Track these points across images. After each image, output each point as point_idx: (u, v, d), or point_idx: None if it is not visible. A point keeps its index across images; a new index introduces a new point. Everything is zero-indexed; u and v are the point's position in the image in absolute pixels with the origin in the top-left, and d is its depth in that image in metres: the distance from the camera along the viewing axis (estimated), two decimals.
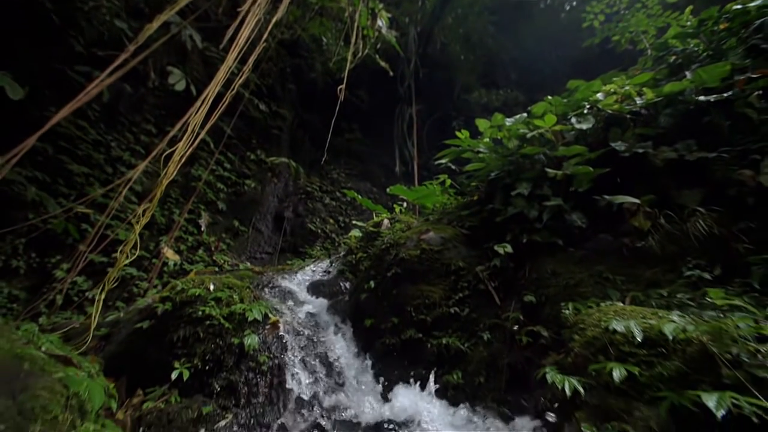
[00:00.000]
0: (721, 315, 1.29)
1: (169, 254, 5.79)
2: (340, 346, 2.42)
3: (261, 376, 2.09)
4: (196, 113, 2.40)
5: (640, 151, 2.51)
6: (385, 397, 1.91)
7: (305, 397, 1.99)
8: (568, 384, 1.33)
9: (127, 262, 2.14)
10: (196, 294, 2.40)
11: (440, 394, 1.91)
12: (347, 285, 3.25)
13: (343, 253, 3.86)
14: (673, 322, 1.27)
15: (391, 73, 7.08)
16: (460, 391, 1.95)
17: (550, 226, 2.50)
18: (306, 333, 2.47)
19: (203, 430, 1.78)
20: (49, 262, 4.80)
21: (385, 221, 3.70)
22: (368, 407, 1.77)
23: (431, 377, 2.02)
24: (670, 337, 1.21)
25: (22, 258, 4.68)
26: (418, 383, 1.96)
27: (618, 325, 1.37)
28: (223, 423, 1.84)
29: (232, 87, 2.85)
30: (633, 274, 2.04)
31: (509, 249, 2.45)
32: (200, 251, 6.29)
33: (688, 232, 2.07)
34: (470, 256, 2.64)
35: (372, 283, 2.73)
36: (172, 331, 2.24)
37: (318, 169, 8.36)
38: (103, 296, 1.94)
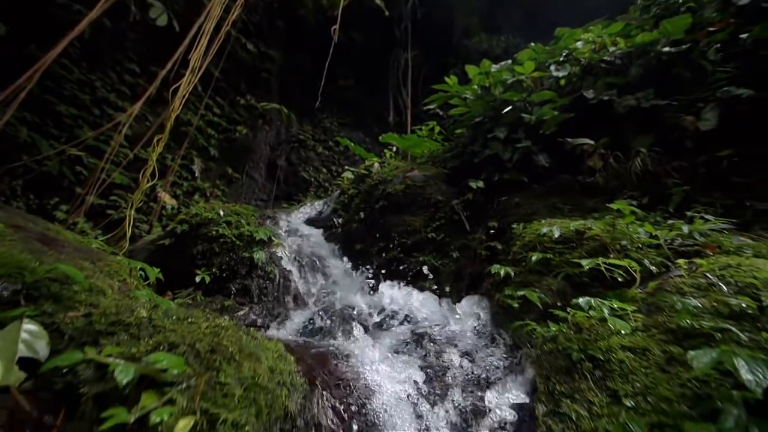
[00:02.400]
0: (621, 221, 1.78)
1: (166, 198, 6.20)
2: (335, 264, 2.96)
3: (269, 281, 2.64)
4: (195, 49, 2.62)
5: (606, 98, 2.87)
6: (370, 293, 2.49)
7: (306, 297, 2.56)
8: (504, 270, 1.87)
9: (147, 186, 2.54)
10: (209, 217, 2.85)
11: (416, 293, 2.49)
12: (340, 220, 3.74)
13: (336, 194, 4.30)
14: (581, 222, 1.78)
15: (387, 13, 6.92)
16: (432, 292, 2.53)
17: (519, 165, 2.94)
18: (305, 253, 3.00)
19: (227, 316, 2.34)
20: (48, 204, 5.14)
21: (376, 165, 4.09)
22: (358, 298, 2.34)
23: (410, 284, 2.59)
24: (572, 229, 1.72)
25: (21, 199, 5.01)
26: (398, 286, 2.53)
27: (544, 229, 1.87)
28: (241, 312, 2.40)
29: (226, 22, 3.00)
30: (579, 203, 2.53)
31: (481, 185, 2.90)
32: (196, 196, 6.67)
33: (630, 170, 2.53)
34: (449, 192, 3.11)
35: (362, 215, 3.21)
36: (191, 247, 2.73)
37: (310, 117, 8.45)
38: (132, 212, 2.37)
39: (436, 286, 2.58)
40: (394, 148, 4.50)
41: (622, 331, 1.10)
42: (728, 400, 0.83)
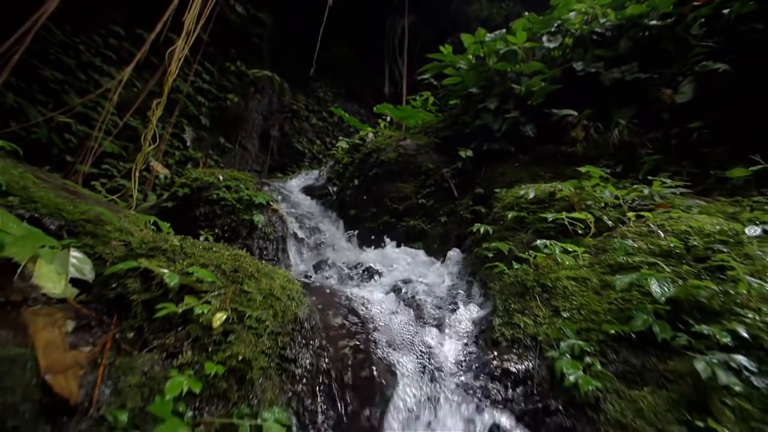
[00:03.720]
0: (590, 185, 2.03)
1: (159, 168, 6.30)
2: (329, 227, 3.21)
3: (269, 242, 2.88)
4: (189, 10, 2.68)
5: (593, 70, 3.03)
6: (363, 252, 2.76)
7: (303, 256, 2.81)
8: (483, 228, 2.13)
9: (150, 149, 2.70)
10: (210, 181, 3.04)
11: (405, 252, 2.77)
12: (334, 188, 3.95)
13: (330, 164, 4.48)
14: (552, 185, 2.02)
15: None
16: (421, 255, 2.81)
17: (507, 135, 3.14)
18: (302, 217, 3.23)
19: None
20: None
21: (370, 135, 4.25)
22: (351, 256, 2.60)
23: (400, 245, 2.86)
24: (545, 191, 1.97)
25: None
26: (390, 247, 2.79)
27: (522, 191, 2.12)
28: None
29: None
30: (559, 171, 2.77)
31: (470, 154, 3.11)
32: (188, 166, 6.76)
33: (608, 141, 2.76)
34: (439, 161, 3.32)
35: (356, 182, 3.42)
36: (193, 209, 2.94)
37: (303, 86, 8.39)
38: (137, 174, 2.54)
39: (424, 247, 2.85)
40: (389, 119, 4.64)
41: (569, 265, 1.37)
42: (642, 310, 1.11)
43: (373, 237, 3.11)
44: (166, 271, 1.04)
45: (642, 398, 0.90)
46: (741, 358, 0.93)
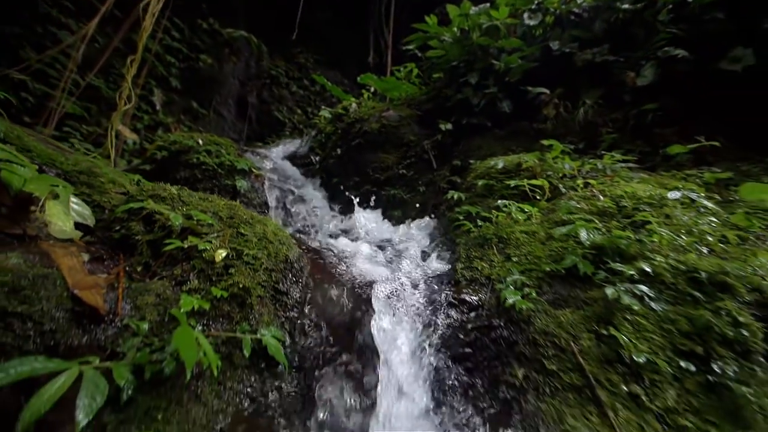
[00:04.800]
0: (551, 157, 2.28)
1: (126, 132, 6.07)
2: (312, 194, 3.35)
3: (252, 208, 3.00)
4: None
5: (568, 50, 3.24)
6: (345, 219, 2.95)
7: (287, 222, 2.97)
8: (457, 195, 2.36)
9: (127, 108, 2.68)
10: (189, 145, 3.07)
11: (385, 219, 2.98)
12: (317, 158, 4.05)
13: (313, 133, 4.54)
14: (519, 156, 2.27)
15: None
16: (399, 219, 3.03)
17: (485, 110, 3.33)
18: (285, 184, 3.34)
19: None
20: None
21: (353, 105, 4.31)
22: (334, 222, 2.79)
23: (380, 212, 3.07)
24: (512, 162, 2.21)
25: None
26: (371, 213, 2.99)
27: (492, 161, 2.35)
28: None
29: None
30: (530, 147, 3.01)
31: (450, 127, 3.30)
32: (159, 131, 6.54)
33: (575, 119, 3.02)
34: (421, 133, 3.49)
35: (339, 151, 3.54)
36: (173, 173, 2.98)
37: (283, 51, 8.13)
38: (113, 133, 2.55)
39: (403, 215, 3.08)
40: (372, 89, 4.69)
41: (523, 222, 1.62)
42: (572, 253, 1.38)
43: (355, 205, 3.29)
44: (171, 212, 1.18)
45: (563, 315, 1.17)
46: (644, 288, 1.22)
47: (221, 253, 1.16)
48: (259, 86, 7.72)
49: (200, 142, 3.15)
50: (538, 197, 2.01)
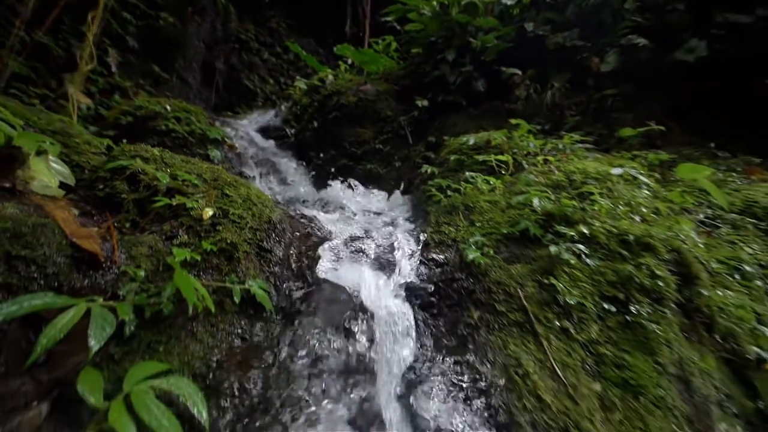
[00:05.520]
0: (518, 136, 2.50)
1: (80, 96, 5.69)
2: (288, 167, 3.41)
3: None
4: None
5: (541, 33, 3.43)
6: (320, 190, 3.06)
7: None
8: (430, 169, 2.54)
9: (88, 68, 2.58)
10: (156, 111, 3.00)
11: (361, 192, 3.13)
12: (292, 131, 4.06)
13: (287, 105, 4.51)
14: (489, 134, 2.47)
15: None
16: (375, 193, 3.18)
17: (460, 89, 3.49)
18: (259, 156, 3.37)
19: None
20: None
21: (330, 77, 4.31)
22: (311, 194, 2.90)
23: (357, 186, 3.20)
24: (482, 139, 2.42)
25: None
26: (347, 186, 3.12)
27: (464, 138, 2.54)
28: None
29: None
30: (501, 125, 3.23)
31: (426, 104, 3.44)
32: (116, 96, 6.15)
33: (542, 101, 3.26)
34: (398, 108, 3.60)
35: (315, 124, 3.59)
36: (140, 140, 2.92)
37: (253, 13, 7.74)
38: (76, 95, 2.45)
39: (379, 188, 3.24)
40: (349, 61, 4.69)
41: (487, 192, 1.84)
42: (526, 218, 1.61)
43: (331, 179, 3.40)
44: (157, 172, 1.27)
45: (514, 269, 1.41)
46: (581, 246, 1.47)
47: (208, 212, 1.27)
48: (227, 51, 7.37)
49: (168, 108, 3.09)
50: (503, 171, 2.24)
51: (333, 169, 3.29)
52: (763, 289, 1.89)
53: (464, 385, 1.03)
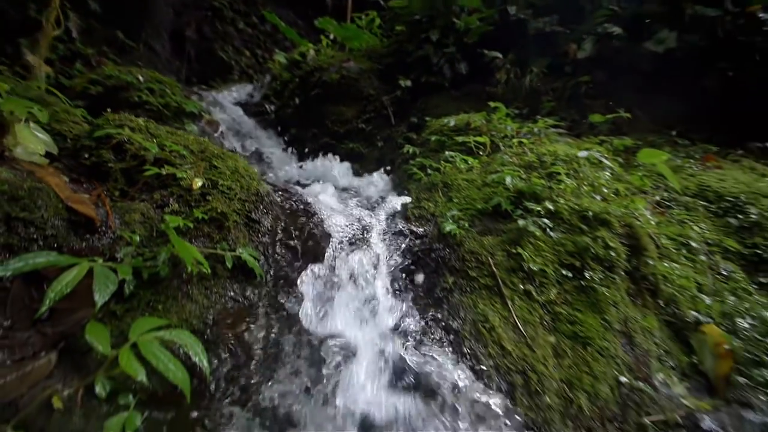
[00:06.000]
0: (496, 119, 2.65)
1: (37, 63, 5.36)
2: (269, 144, 3.43)
3: None
4: None
5: (523, 17, 3.55)
6: (303, 167, 3.12)
7: None
8: (412, 149, 2.66)
9: (55, 33, 2.47)
10: (128, 81, 2.92)
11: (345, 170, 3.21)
12: (272, 107, 4.04)
13: (267, 80, 4.44)
14: (469, 116, 2.61)
15: None
16: (357, 171, 3.27)
17: (443, 70, 3.58)
18: (240, 132, 3.36)
19: None
20: None
21: (311, 51, 4.27)
22: (293, 171, 2.96)
23: (340, 164, 3.27)
24: (462, 120, 2.55)
25: None
26: (330, 162, 3.19)
27: (445, 120, 2.66)
28: None
29: None
30: (481, 108, 3.37)
31: (409, 84, 3.52)
32: (78, 65, 5.78)
33: (521, 85, 3.42)
34: (380, 88, 3.66)
35: (296, 101, 3.60)
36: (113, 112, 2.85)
37: None
38: (41, 64, 2.36)
39: (361, 167, 3.33)
40: (331, 36, 4.64)
41: (465, 171, 1.99)
42: (499, 195, 1.78)
43: (314, 156, 3.45)
44: (146, 141, 1.32)
45: (486, 240, 1.57)
46: (546, 221, 1.66)
47: (198, 182, 1.34)
48: (199, 19, 7.03)
49: (141, 78, 3.01)
50: (480, 152, 2.39)
51: (316, 147, 3.34)
52: (706, 263, 2.17)
53: (439, 336, 1.19)
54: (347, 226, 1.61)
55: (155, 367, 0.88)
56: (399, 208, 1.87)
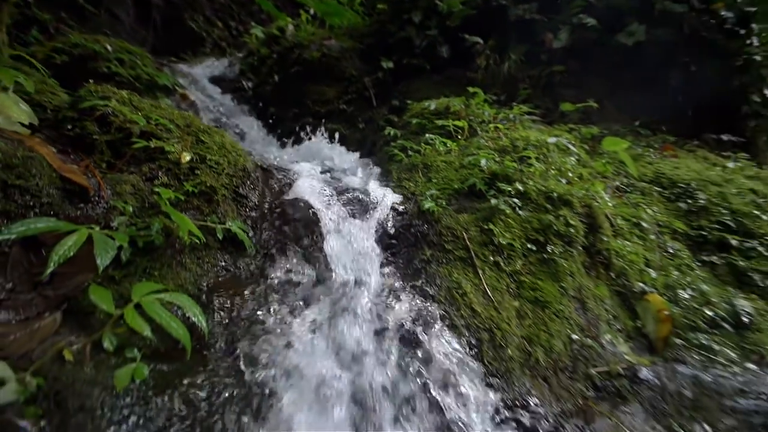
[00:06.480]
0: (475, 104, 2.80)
1: None
2: (247, 123, 3.42)
3: None
4: None
5: (504, 2, 3.67)
6: (284, 147, 3.16)
7: None
8: (393, 132, 2.77)
9: None
10: (96, 50, 2.82)
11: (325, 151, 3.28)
12: (250, 84, 3.99)
13: (243, 55, 4.35)
14: (449, 100, 2.75)
15: None
16: (339, 152, 3.34)
17: (425, 53, 3.67)
18: (216, 109, 3.33)
19: None
20: None
21: (290, 26, 4.22)
22: (273, 150, 2.99)
23: (320, 145, 3.33)
24: (443, 105, 2.68)
25: None
26: (312, 142, 3.24)
27: (426, 103, 2.78)
28: None
29: None
30: (460, 93, 3.51)
31: (391, 65, 3.59)
32: (33, 31, 5.37)
33: (500, 72, 3.58)
34: (362, 68, 3.70)
35: (276, 78, 3.58)
36: (78, 83, 2.75)
37: None
38: (3, 28, 2.25)
39: (344, 148, 3.40)
40: (311, 11, 4.57)
41: (444, 153, 2.13)
42: (475, 176, 1.94)
43: (293, 137, 3.48)
44: (133, 114, 1.36)
45: (461, 217, 1.74)
46: (516, 200, 1.84)
47: (186, 156, 1.40)
48: None
49: (109, 48, 2.91)
50: (459, 136, 2.54)
51: (296, 127, 3.37)
52: (655, 242, 2.46)
53: (416, 301, 1.35)
54: (331, 203, 1.72)
55: (159, 324, 0.98)
56: (382, 187, 2.00)
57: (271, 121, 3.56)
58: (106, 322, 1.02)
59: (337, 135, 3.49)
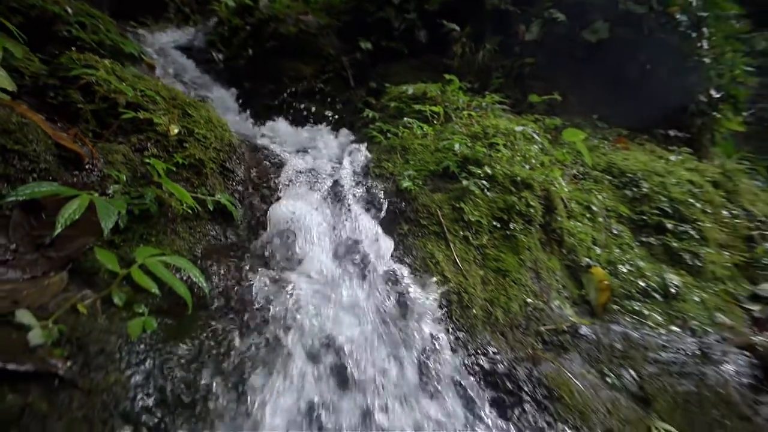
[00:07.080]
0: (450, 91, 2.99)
1: None
2: (220, 98, 3.39)
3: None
4: None
5: None
6: (260, 126, 3.20)
7: None
8: (372, 114, 2.90)
9: None
10: (54, 12, 2.67)
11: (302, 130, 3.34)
12: (221, 56, 3.91)
13: (212, 24, 4.23)
14: (426, 85, 2.92)
15: None
16: (317, 132, 3.42)
17: (403, 36, 3.79)
18: (185, 81, 3.27)
19: None
20: None
21: None
22: (248, 128, 3.02)
23: (298, 124, 3.39)
24: (420, 90, 2.85)
25: None
26: (287, 124, 3.30)
27: (404, 87, 2.93)
28: None
29: None
30: (437, 79, 3.68)
31: (370, 47, 3.67)
32: None
33: (475, 60, 3.78)
34: (340, 47, 3.76)
35: (250, 51, 3.55)
36: (38, 48, 2.62)
37: None
38: None
39: (322, 128, 3.49)
40: None
41: (420, 136, 2.32)
42: (448, 159, 2.14)
43: (270, 115, 3.50)
44: (121, 84, 1.40)
45: (436, 196, 1.94)
46: (484, 182, 2.07)
47: (174, 128, 1.47)
48: None
49: (69, 10, 2.77)
50: (435, 121, 2.73)
51: (272, 106, 3.39)
52: (602, 224, 2.82)
53: (396, 268, 1.55)
54: (315, 180, 1.86)
55: (164, 282, 1.10)
56: (362, 168, 2.15)
57: (245, 97, 3.55)
58: (110, 282, 1.12)
59: (314, 114, 3.56)
